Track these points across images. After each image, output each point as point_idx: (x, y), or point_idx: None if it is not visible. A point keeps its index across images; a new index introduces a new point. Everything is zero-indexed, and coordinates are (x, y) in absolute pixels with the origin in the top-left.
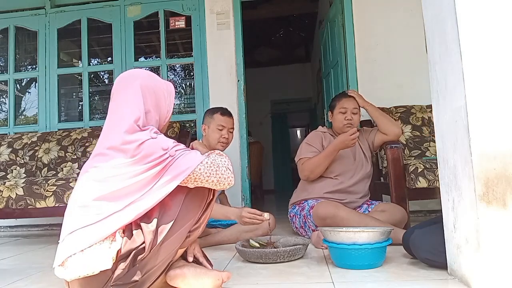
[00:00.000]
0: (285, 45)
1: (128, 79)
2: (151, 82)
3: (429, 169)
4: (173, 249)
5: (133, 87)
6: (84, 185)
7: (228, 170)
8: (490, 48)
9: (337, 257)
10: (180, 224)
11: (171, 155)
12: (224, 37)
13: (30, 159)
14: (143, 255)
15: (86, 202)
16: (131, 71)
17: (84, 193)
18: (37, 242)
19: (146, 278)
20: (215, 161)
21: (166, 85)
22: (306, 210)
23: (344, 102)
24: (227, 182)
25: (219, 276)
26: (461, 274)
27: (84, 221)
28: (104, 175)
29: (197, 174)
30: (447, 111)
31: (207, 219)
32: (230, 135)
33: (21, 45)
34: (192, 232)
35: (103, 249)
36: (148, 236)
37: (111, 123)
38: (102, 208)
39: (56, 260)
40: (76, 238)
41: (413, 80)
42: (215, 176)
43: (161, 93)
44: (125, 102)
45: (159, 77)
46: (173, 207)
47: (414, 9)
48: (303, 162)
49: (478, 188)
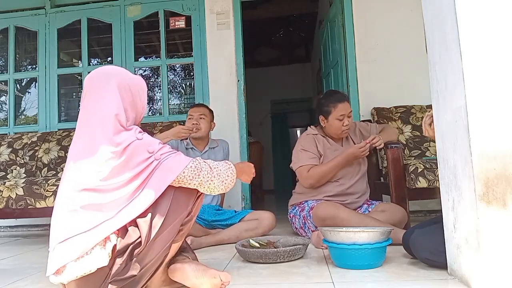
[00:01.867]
0: (285, 45)
1: (103, 78)
2: (126, 80)
3: (429, 169)
4: (167, 242)
5: (109, 86)
6: (70, 190)
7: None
8: (490, 48)
9: (337, 257)
10: (172, 219)
11: (156, 159)
12: (224, 37)
13: (30, 159)
14: (139, 249)
15: (75, 209)
16: (104, 68)
17: (72, 199)
18: (37, 242)
19: (144, 272)
20: (199, 166)
21: (139, 81)
22: (306, 211)
23: (341, 109)
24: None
25: (217, 275)
26: (461, 274)
27: (75, 229)
28: (92, 182)
29: (181, 178)
30: (447, 111)
31: (198, 211)
32: (202, 121)
33: (21, 45)
34: (184, 225)
35: (98, 249)
36: (143, 230)
37: (91, 124)
38: (93, 216)
39: (49, 269)
40: (69, 247)
41: (413, 80)
42: (198, 178)
43: (135, 90)
44: (103, 102)
45: (131, 73)
46: (163, 202)
47: (414, 9)
48: (308, 170)
49: (478, 188)
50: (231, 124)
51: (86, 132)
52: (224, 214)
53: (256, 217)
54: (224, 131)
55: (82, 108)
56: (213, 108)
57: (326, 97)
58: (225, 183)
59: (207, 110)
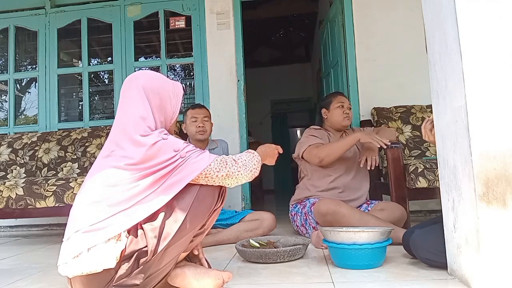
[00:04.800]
0: (285, 45)
1: (132, 80)
2: (155, 83)
3: (429, 169)
4: (177, 254)
5: (136, 88)
6: (94, 186)
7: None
8: (490, 48)
9: (337, 257)
10: (186, 231)
11: (182, 157)
12: (224, 37)
13: (30, 159)
14: (145, 258)
15: (94, 202)
16: (137, 72)
17: (93, 193)
18: (37, 242)
19: (148, 281)
20: (224, 159)
21: (173, 86)
22: (308, 207)
23: (340, 98)
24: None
25: (219, 275)
26: (461, 274)
27: (90, 220)
28: (115, 178)
29: (208, 170)
30: (447, 111)
31: (212, 224)
32: (206, 124)
33: (21, 45)
34: (196, 237)
35: (108, 248)
36: (150, 241)
37: (120, 124)
38: (110, 207)
39: (61, 258)
40: (83, 237)
41: (413, 80)
42: (225, 170)
43: (166, 94)
44: (131, 103)
45: (166, 78)
46: (179, 212)
47: (414, 9)
48: (317, 146)
49: (478, 188)
50: (231, 124)
51: (115, 131)
52: (225, 214)
53: (257, 217)
54: (224, 131)
55: (117, 110)
56: (213, 108)
57: (327, 95)
58: (252, 172)
59: (208, 112)
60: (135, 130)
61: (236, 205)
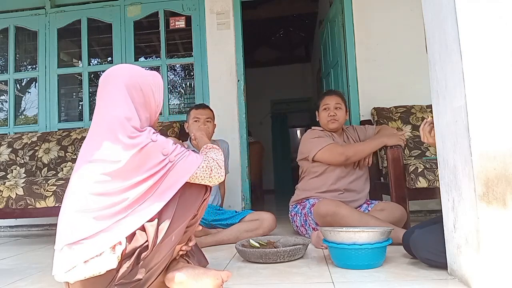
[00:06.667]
0: (285, 45)
1: (111, 78)
2: (135, 79)
3: (429, 169)
4: (173, 245)
5: (117, 87)
6: (81, 192)
7: (220, 168)
8: (490, 48)
9: (337, 257)
10: (178, 222)
11: (171, 161)
12: (224, 37)
13: (30, 159)
14: (146, 252)
15: (85, 210)
16: (114, 68)
17: (81, 200)
18: (37, 242)
19: (150, 275)
20: (209, 164)
21: (153, 78)
22: (307, 208)
23: (326, 99)
24: (217, 180)
25: (218, 275)
26: (461, 274)
27: (85, 232)
28: (104, 184)
29: (193, 177)
30: (447, 111)
31: (203, 214)
32: (209, 124)
33: (21, 45)
34: (189, 228)
35: (108, 252)
36: (151, 235)
37: (102, 126)
38: (104, 217)
39: (55, 268)
40: (79, 250)
41: (413, 80)
42: (209, 178)
43: (148, 88)
44: (113, 104)
45: (143, 70)
46: (169, 206)
47: (414, 9)
48: (339, 145)
49: (478, 188)
50: (231, 124)
51: (98, 133)
52: (225, 214)
53: (257, 217)
54: (224, 131)
55: (95, 110)
56: (213, 108)
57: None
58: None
59: (211, 113)
60: (122, 131)
61: (236, 205)
